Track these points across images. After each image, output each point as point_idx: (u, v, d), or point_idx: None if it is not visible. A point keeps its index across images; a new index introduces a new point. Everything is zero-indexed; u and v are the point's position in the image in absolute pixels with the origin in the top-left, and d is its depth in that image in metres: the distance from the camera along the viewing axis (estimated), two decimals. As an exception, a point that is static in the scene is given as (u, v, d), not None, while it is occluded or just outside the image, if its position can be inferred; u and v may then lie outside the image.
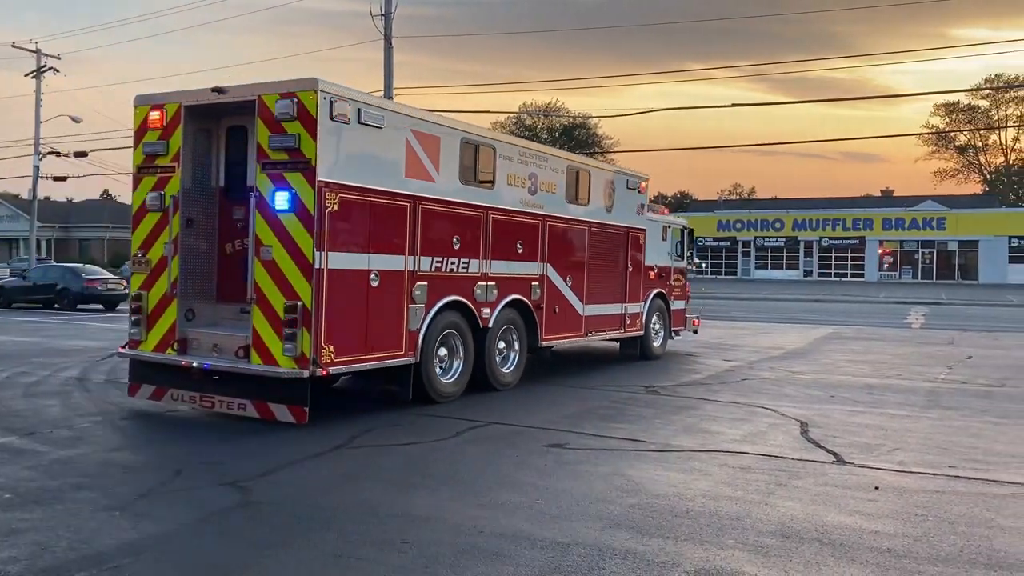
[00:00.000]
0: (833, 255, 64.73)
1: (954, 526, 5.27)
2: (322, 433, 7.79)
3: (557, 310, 11.41)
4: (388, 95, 30.97)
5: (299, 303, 7.60)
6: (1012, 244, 59.38)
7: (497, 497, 5.74)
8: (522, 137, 78.70)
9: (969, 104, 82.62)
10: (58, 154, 42.24)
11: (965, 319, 27.37)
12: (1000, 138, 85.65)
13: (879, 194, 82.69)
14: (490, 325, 10.06)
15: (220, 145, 8.85)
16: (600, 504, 5.61)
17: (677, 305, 15.41)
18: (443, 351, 9.54)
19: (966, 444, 7.76)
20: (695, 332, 16.71)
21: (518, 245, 10.62)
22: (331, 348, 7.80)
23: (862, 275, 63.01)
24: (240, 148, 8.71)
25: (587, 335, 12.33)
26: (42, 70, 42.01)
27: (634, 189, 13.52)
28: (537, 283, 11.01)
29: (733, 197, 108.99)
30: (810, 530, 5.13)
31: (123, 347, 8.96)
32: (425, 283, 9.04)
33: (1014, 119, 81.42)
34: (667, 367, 13.35)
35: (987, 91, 78.20)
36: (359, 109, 8.14)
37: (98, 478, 6.12)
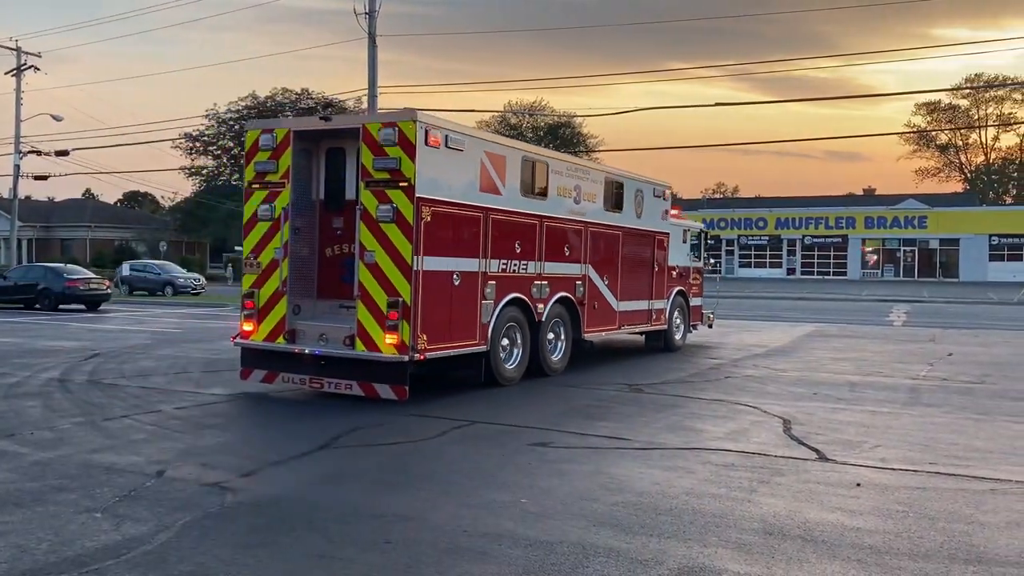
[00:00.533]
0: (816, 253, 65.15)
1: (934, 522, 5.31)
2: (306, 433, 7.77)
3: (596, 306, 12.75)
4: (372, 93, 30.88)
5: (400, 299, 8.87)
6: (992, 242, 59.98)
7: (481, 496, 5.74)
8: (506, 135, 78.75)
9: (950, 103, 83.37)
10: (39, 153, 41.89)
11: (946, 317, 27.62)
12: (980, 137, 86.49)
13: (861, 193, 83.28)
14: (543, 319, 11.34)
15: (320, 164, 10.19)
16: (584, 502, 5.62)
17: (695, 302, 16.88)
18: (506, 341, 10.74)
19: (947, 440, 7.83)
20: (710, 327, 17.95)
21: (565, 249, 11.96)
22: (424, 337, 9.07)
23: (845, 273, 63.44)
24: (338, 167, 10.12)
25: (620, 328, 13.76)
26: (22, 68, 41.60)
27: (659, 196, 14.92)
28: (580, 282, 12.32)
29: (717, 196, 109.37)
30: (792, 527, 5.16)
31: (235, 338, 10.17)
32: (494, 282, 10.34)
33: (994, 118, 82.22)
34: (651, 365, 13.39)
35: (967, 91, 78.92)
36: (446, 135, 9.44)
37: (79, 479, 6.07)
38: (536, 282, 11.19)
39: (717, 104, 58.75)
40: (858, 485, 6.17)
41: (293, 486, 5.94)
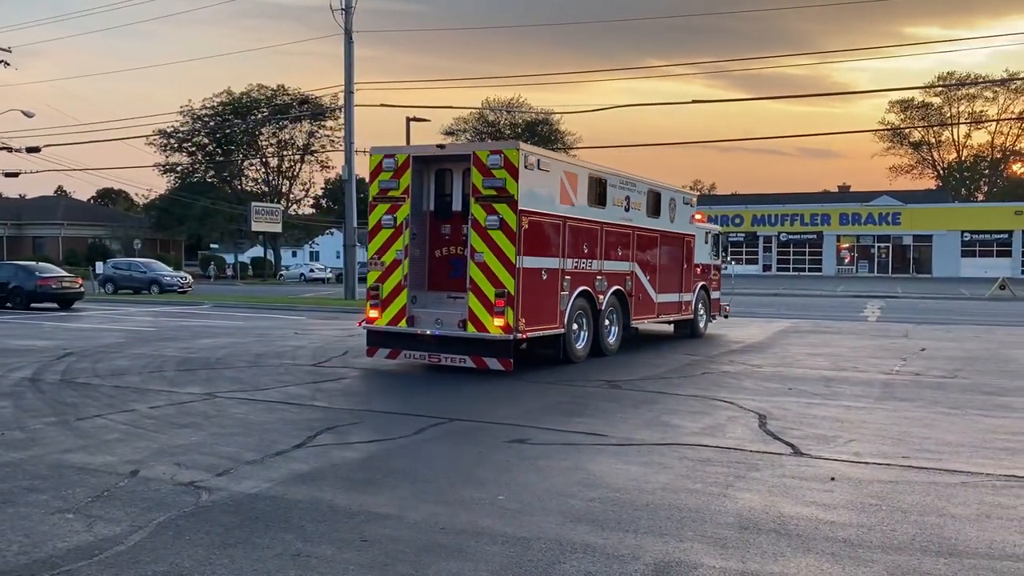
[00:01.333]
0: (792, 250, 65.69)
1: (907, 515, 5.38)
2: (282, 432, 7.73)
3: (640, 298, 14.92)
4: (349, 89, 30.74)
5: (506, 290, 10.99)
6: (964, 238, 60.80)
7: (458, 493, 5.74)
8: (485, 133, 78.58)
9: (923, 101, 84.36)
10: (10, 149, 41.30)
11: (920, 312, 27.95)
12: (952, 134, 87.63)
13: (836, 190, 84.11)
14: (602, 308, 13.49)
15: (430, 182, 12.21)
16: (561, 498, 5.63)
17: (714, 295, 19.20)
18: (575, 326, 12.80)
19: (919, 435, 7.92)
20: (725, 317, 20.21)
21: (618, 249, 14.08)
22: (523, 320, 11.25)
23: (820, 269, 64.04)
24: (445, 184, 12.17)
25: (658, 317, 15.99)
26: (-8, 63, 40.97)
27: (687, 204, 17.23)
28: (628, 278, 14.45)
29: (694, 193, 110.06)
30: (767, 521, 5.20)
31: (361, 322, 12.47)
32: (569, 278, 12.47)
33: (966, 116, 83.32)
34: (628, 362, 13.44)
35: (940, 88, 79.89)
36: (538, 159, 11.60)
37: (51, 480, 6.00)
38: (598, 277, 13.40)
39: (694, 101, 59.24)
40: (832, 479, 6.23)
41: (269, 485, 5.90)
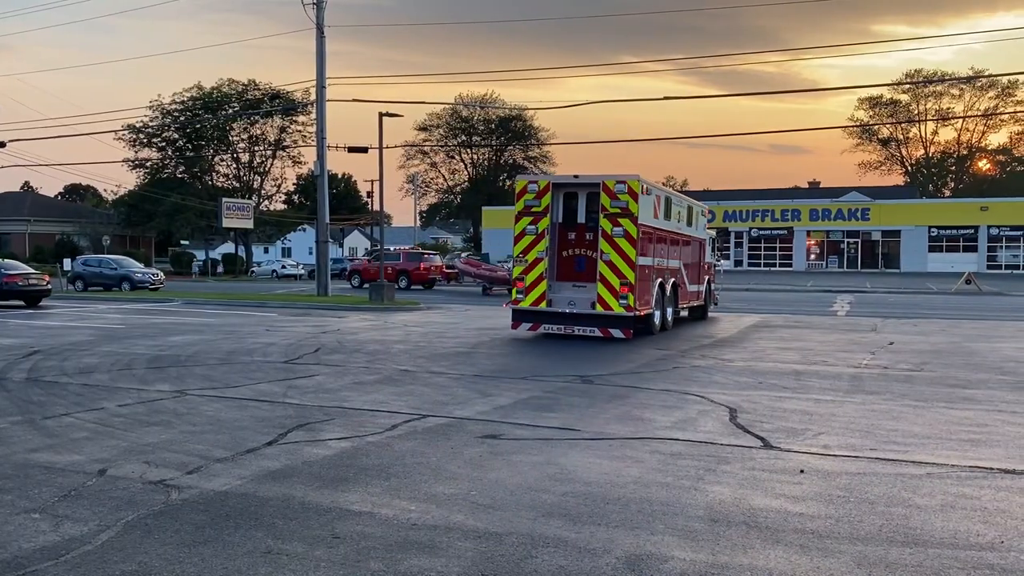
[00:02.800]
0: (763, 245, 66.24)
1: (874, 506, 5.45)
2: (253, 429, 7.67)
3: (681, 288, 19.30)
4: (321, 84, 30.51)
5: (628, 281, 15.36)
6: (932, 234, 61.65)
7: (430, 489, 5.73)
8: (458, 128, 78.27)
9: (891, 98, 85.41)
10: (-27, 144, 40.47)
11: (888, 306, 28.33)
12: (920, 131, 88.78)
13: (807, 186, 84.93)
14: (667, 294, 17.83)
15: (559, 201, 16.39)
16: (533, 493, 5.64)
17: (713, 286, 23.31)
18: (657, 308, 17.13)
19: (887, 427, 8.04)
20: (715, 304, 23.81)
21: (674, 250, 18.45)
22: (638, 302, 15.60)
23: (791, 265, 64.64)
24: (572, 202, 16.34)
25: (689, 303, 20.31)
26: (-46, 56, 40.20)
27: (702, 214, 21.91)
28: (678, 272, 18.94)
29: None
30: (737, 514, 5.25)
31: (507, 304, 17.08)
32: (656, 272, 16.91)
33: (933, 113, 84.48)
34: (601, 356, 13.50)
35: (908, 86, 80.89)
36: (647, 187, 16.06)
37: (16, 480, 5.91)
38: (666, 272, 17.79)
39: (666, 98, 59.54)
40: (801, 472, 6.30)
41: (239, 483, 5.86)
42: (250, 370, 11.73)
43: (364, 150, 33.79)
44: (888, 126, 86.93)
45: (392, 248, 46.44)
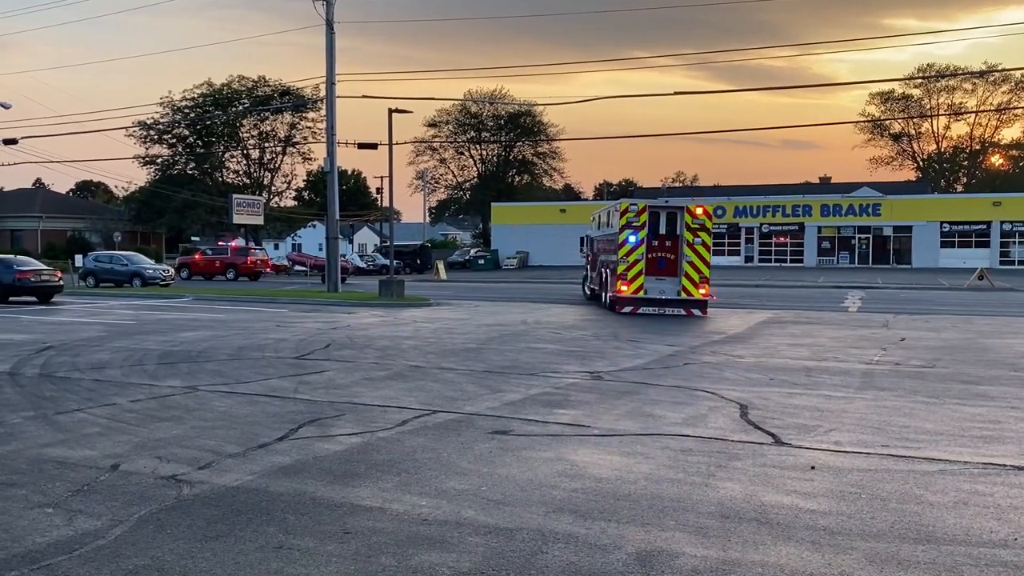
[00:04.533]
0: (773, 241, 65.97)
1: (886, 503, 5.43)
2: (265, 425, 7.70)
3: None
4: (331, 80, 30.54)
5: (705, 276, 21.41)
6: (943, 229, 61.25)
7: (441, 485, 5.74)
8: (467, 124, 78.11)
9: (903, 93, 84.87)
10: (-14, 141, 40.71)
11: (899, 303, 28.18)
12: (932, 126, 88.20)
13: (817, 181, 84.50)
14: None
15: (647, 217, 21.68)
16: (544, 489, 5.64)
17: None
18: None
19: (898, 424, 8.00)
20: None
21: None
22: (709, 291, 21.79)
23: (801, 260, 64.36)
24: (657, 218, 21.83)
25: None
26: (-33, 54, 40.41)
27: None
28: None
29: (677, 184, 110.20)
30: (748, 510, 5.24)
31: (612, 293, 22.22)
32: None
33: (945, 107, 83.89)
34: (610, 353, 13.48)
35: (920, 80, 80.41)
36: (715, 208, 26.38)
37: (30, 474, 5.95)
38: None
39: (676, 93, 59.22)
40: (813, 468, 6.28)
41: (251, 478, 5.88)
42: (261, 366, 11.77)
43: (374, 146, 33.82)
44: (900, 121, 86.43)
45: (221, 243, 52.56)
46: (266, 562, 4.33)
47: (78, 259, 40.83)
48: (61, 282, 27.82)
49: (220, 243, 52.37)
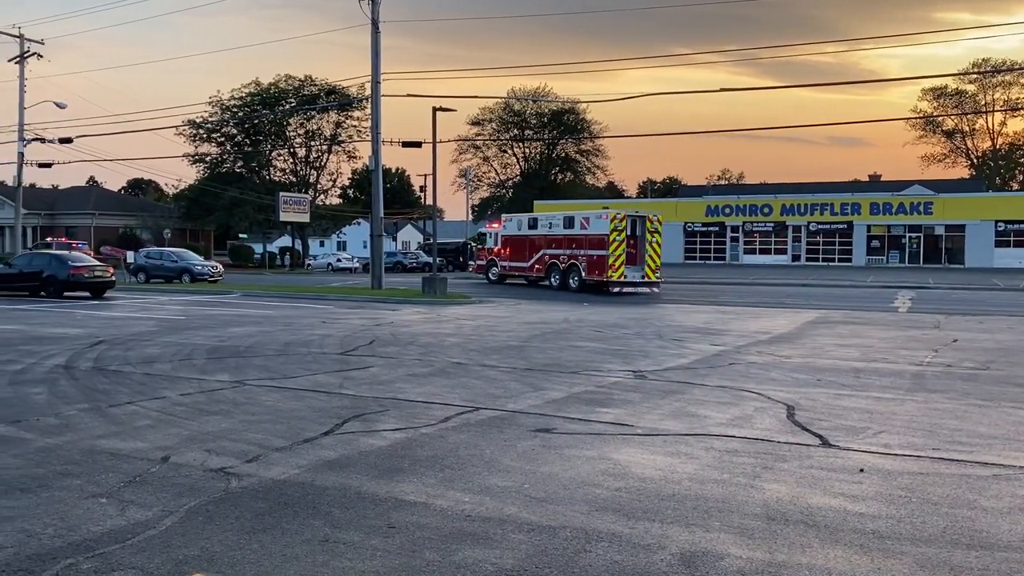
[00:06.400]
0: (821, 239, 64.93)
1: (937, 507, 5.32)
2: (310, 419, 7.80)
3: None
4: (376, 79, 30.79)
5: (658, 265, 31.66)
6: (998, 228, 59.70)
7: (484, 481, 5.76)
8: (510, 123, 78.13)
9: (956, 89, 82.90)
10: (43, 140, 41.88)
11: (951, 303, 27.54)
12: (987, 122, 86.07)
13: (867, 179, 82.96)
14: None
15: (626, 223, 30.86)
16: (587, 488, 5.63)
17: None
18: None
19: (950, 426, 7.82)
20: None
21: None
22: (658, 275, 32.20)
23: (850, 260, 63.27)
24: (631, 225, 31.12)
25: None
26: (25, 55, 41.57)
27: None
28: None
29: (722, 182, 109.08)
30: (795, 512, 5.17)
31: (605, 276, 30.33)
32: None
33: (1001, 103, 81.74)
34: (653, 352, 13.40)
35: (975, 75, 78.42)
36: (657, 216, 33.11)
37: (85, 465, 6.10)
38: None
39: (722, 90, 58.51)
40: (861, 471, 6.17)
41: (297, 472, 5.96)
42: (307, 361, 11.92)
43: (418, 145, 34.02)
44: (953, 117, 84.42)
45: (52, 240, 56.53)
46: (312, 555, 4.39)
47: (129, 255, 41.77)
48: (113, 278, 28.50)
49: (52, 241, 56.83)
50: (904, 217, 62.47)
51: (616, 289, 30.52)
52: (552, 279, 33.66)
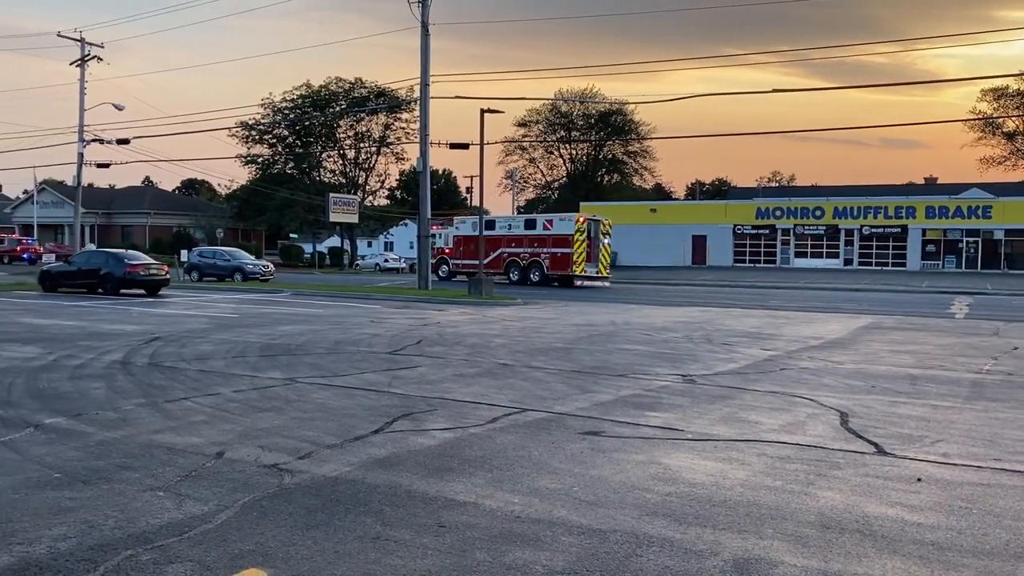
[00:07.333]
0: (874, 243, 63.64)
1: (1000, 519, 5.17)
2: (361, 418, 7.88)
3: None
4: (425, 82, 31.00)
5: (608, 263, 38.71)
6: (1061, 233, 57.91)
7: (533, 483, 5.76)
8: (557, 124, 78.07)
9: (1018, 89, 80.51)
10: (101, 141, 42.96)
11: (1011, 310, 26.78)
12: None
13: (922, 182, 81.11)
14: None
15: (587, 226, 37.55)
16: (636, 492, 5.59)
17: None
18: None
19: (1012, 436, 7.60)
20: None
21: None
22: (608, 271, 39.58)
23: (904, 264, 61.92)
24: (590, 227, 37.44)
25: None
26: (86, 59, 42.70)
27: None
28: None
29: (772, 184, 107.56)
30: (851, 521, 5.07)
31: (570, 271, 36.85)
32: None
33: (1064, 105, 79.14)
34: (703, 356, 13.26)
35: (1036, 76, 76.08)
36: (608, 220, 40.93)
37: (142, 459, 6.24)
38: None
39: (774, 90, 57.69)
40: (919, 480, 6.03)
41: (348, 469, 6.02)
42: (356, 360, 12.05)
43: (465, 146, 34.17)
44: (1014, 119, 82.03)
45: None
46: (364, 552, 4.43)
47: (183, 254, 42.66)
48: (167, 276, 29.14)
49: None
50: (961, 221, 60.95)
51: (578, 283, 36.67)
52: (511, 275, 38.49)
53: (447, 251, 42.41)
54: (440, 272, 41.75)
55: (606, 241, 37.83)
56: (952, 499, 5.59)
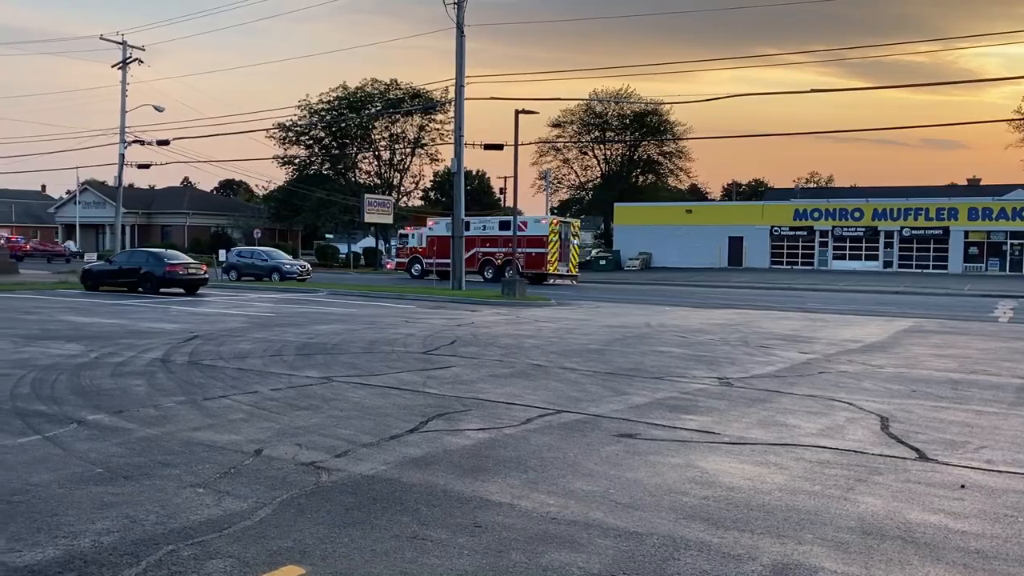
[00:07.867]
0: (915, 245, 62.56)
1: (1047, 528, 5.05)
2: (396, 417, 7.92)
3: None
4: (460, 83, 31.08)
5: (576, 262, 42.56)
6: (1109, 235, 56.44)
7: (569, 485, 5.74)
8: (592, 124, 77.85)
9: (1064, 88, 78.63)
10: (142, 143, 43.70)
11: (1056, 313, 26.14)
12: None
13: (965, 183, 79.62)
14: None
15: (560, 227, 41.07)
16: (673, 495, 5.55)
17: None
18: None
19: (1059, 444, 7.42)
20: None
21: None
22: (576, 270, 43.53)
23: (945, 267, 60.78)
24: (562, 229, 40.75)
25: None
26: (127, 61, 43.47)
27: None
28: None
29: (810, 185, 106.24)
30: (892, 528, 4.98)
31: (545, 270, 39.93)
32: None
33: (1113, 104, 77.10)
34: (740, 358, 13.13)
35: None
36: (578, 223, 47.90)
37: (183, 456, 6.33)
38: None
39: (813, 90, 56.97)
40: (962, 487, 5.91)
41: (384, 468, 6.06)
42: (391, 359, 12.12)
43: (500, 147, 34.23)
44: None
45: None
46: (401, 551, 4.45)
47: (222, 254, 43.24)
48: (206, 275, 29.54)
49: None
50: (1006, 223, 59.64)
51: (551, 280, 40.21)
52: (485, 273, 40.95)
53: (420, 251, 44.78)
54: (413, 271, 44.95)
55: (575, 242, 41.89)
56: (997, 507, 5.47)
